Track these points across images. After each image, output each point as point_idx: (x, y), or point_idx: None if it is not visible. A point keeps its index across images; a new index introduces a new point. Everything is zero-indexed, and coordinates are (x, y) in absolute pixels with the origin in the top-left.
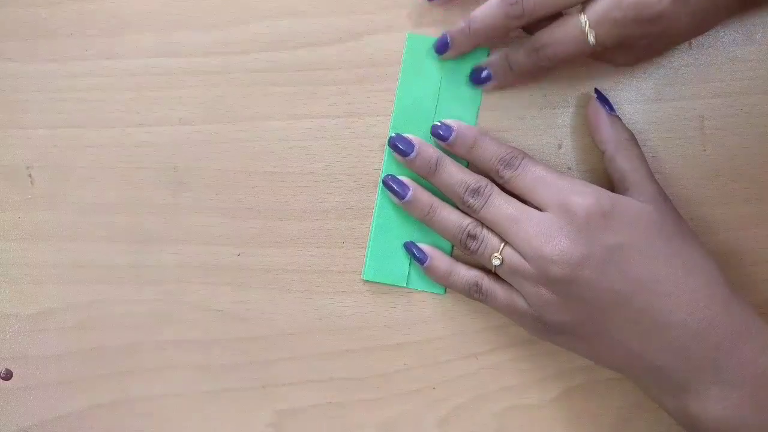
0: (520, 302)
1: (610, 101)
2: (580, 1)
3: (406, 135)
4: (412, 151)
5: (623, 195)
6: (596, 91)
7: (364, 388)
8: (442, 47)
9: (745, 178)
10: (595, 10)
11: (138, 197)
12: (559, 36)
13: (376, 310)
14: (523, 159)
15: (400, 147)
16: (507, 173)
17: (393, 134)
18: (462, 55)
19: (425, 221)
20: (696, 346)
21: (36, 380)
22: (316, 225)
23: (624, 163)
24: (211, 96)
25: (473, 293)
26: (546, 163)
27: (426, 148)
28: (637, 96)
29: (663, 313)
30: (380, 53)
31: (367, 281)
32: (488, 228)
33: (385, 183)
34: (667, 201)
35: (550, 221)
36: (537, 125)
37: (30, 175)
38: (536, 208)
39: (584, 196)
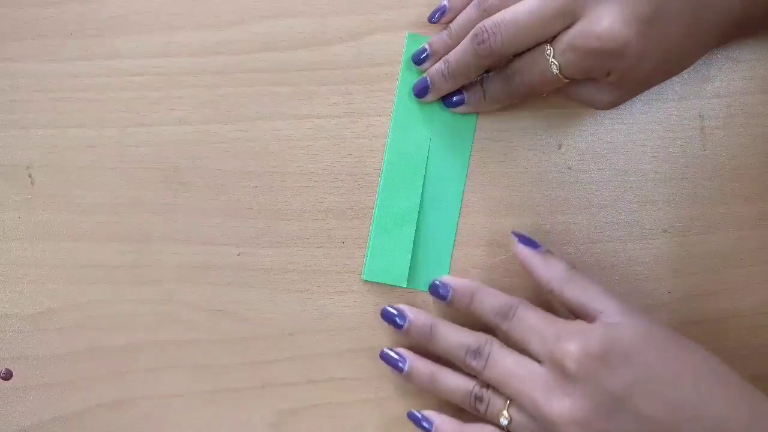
0: None
1: (533, 239)
2: (545, 39)
3: (396, 306)
4: (405, 323)
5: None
6: (515, 234)
7: (364, 388)
8: (421, 91)
9: (745, 178)
10: (562, 39)
11: (138, 197)
12: (527, 65)
13: (376, 310)
14: (517, 309)
15: (392, 319)
16: (504, 325)
17: (384, 307)
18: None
19: (429, 390)
20: None
21: (36, 380)
22: (316, 225)
23: (577, 295)
24: (211, 96)
25: None
26: (538, 309)
27: (418, 318)
28: (637, 96)
29: None
30: (380, 53)
31: (367, 281)
32: (492, 387)
33: (382, 357)
34: (638, 311)
35: (546, 376)
36: (537, 125)
37: (30, 175)
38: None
39: (570, 343)
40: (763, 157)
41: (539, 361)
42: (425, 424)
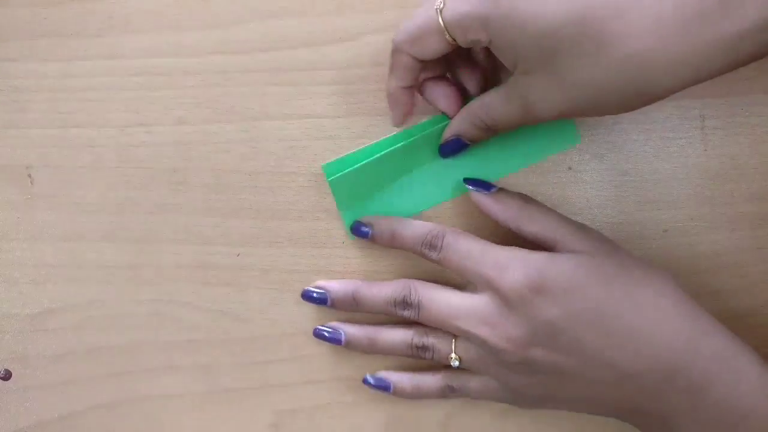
0: (493, 385)
1: (482, 179)
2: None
3: (316, 285)
4: (327, 300)
5: (553, 253)
6: (465, 180)
7: (364, 388)
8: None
9: (745, 178)
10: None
11: (138, 197)
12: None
13: None
14: (444, 237)
15: (315, 298)
16: (433, 255)
17: (304, 289)
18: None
19: (371, 352)
20: (668, 388)
21: (35, 380)
22: (316, 225)
23: (532, 227)
24: (211, 96)
25: (449, 394)
26: (468, 234)
27: (337, 292)
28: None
29: (627, 364)
30: (380, 53)
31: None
32: (432, 330)
33: (316, 335)
34: (596, 239)
35: (485, 305)
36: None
37: (30, 175)
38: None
39: (511, 271)
40: (764, 157)
41: (474, 289)
42: (383, 385)
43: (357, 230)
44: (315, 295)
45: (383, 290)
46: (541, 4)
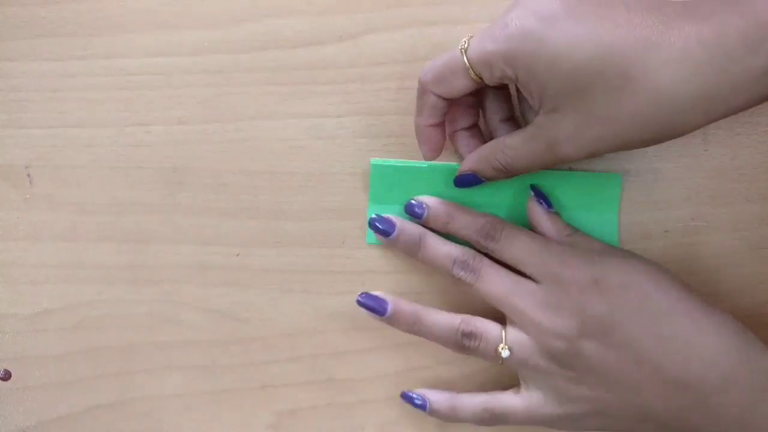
0: (537, 399)
1: (548, 199)
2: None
3: (385, 215)
4: (394, 231)
5: (614, 249)
6: (532, 187)
7: (364, 388)
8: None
9: (746, 178)
10: (475, 34)
11: (137, 197)
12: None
13: None
14: (503, 229)
15: (380, 228)
16: (490, 245)
17: (373, 215)
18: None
19: (414, 333)
20: (717, 401)
21: (35, 380)
22: (316, 225)
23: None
24: (211, 96)
25: (486, 419)
26: (526, 229)
27: (407, 227)
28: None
29: (678, 373)
30: (380, 53)
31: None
32: (481, 320)
33: (362, 303)
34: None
35: (544, 292)
36: None
37: (29, 175)
38: (527, 277)
39: (573, 264)
40: (765, 157)
41: (535, 281)
42: (419, 402)
43: (410, 209)
44: (381, 226)
45: (452, 246)
46: (568, 39)
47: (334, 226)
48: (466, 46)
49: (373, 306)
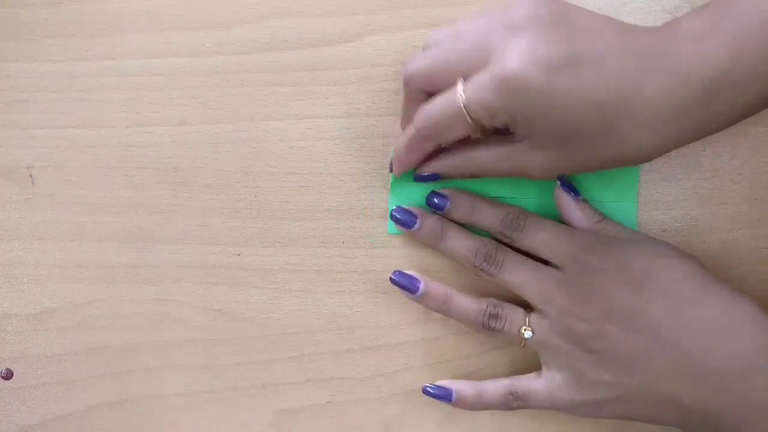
0: (558, 381)
1: (575, 188)
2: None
3: (407, 207)
4: (416, 223)
5: (639, 234)
6: (559, 177)
7: (364, 388)
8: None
9: (745, 178)
10: (472, 78)
11: (138, 197)
12: (437, 98)
13: (376, 310)
14: (527, 218)
15: (401, 219)
16: (514, 235)
17: (394, 207)
18: None
19: (442, 312)
20: (740, 387)
21: (36, 380)
22: (316, 225)
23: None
24: (211, 96)
25: (512, 402)
26: (548, 218)
27: (429, 219)
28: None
29: (704, 357)
30: (380, 53)
31: (391, 234)
32: (506, 304)
33: (394, 280)
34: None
35: (569, 279)
36: None
37: (30, 175)
38: (551, 265)
39: (597, 250)
40: (764, 157)
41: (557, 268)
42: (442, 393)
43: (432, 200)
44: (402, 218)
45: (471, 238)
46: (568, 90)
47: (334, 226)
48: (464, 101)
49: (406, 284)
